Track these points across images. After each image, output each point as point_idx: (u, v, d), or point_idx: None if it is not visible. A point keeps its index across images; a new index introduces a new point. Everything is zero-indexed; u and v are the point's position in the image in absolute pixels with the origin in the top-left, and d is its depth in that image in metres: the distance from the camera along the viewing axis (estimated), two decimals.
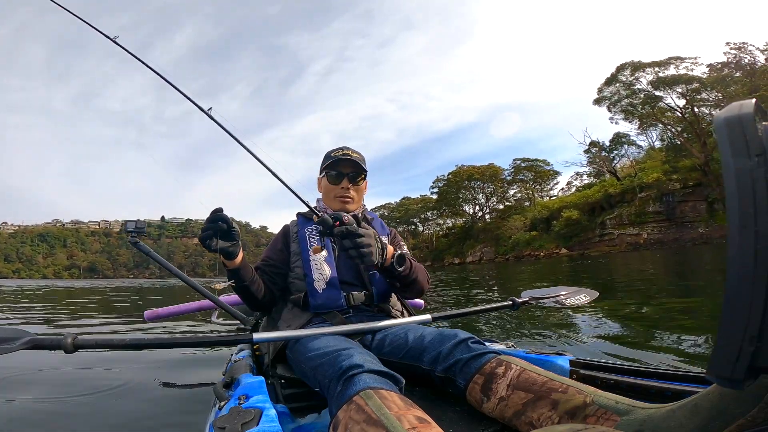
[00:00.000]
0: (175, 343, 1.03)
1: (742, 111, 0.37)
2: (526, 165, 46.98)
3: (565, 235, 35.79)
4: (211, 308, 2.38)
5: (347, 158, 1.31)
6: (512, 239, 40.96)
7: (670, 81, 30.72)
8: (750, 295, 0.35)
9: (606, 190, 34.74)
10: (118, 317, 5.32)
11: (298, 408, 0.96)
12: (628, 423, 0.62)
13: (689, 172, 29.29)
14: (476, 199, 50.09)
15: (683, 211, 29.35)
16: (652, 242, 29.47)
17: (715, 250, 15.40)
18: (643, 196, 31.22)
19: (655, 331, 2.51)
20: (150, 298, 9.81)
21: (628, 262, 13.72)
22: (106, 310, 6.52)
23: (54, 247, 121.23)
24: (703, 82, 29.52)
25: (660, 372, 0.80)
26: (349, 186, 1.32)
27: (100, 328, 4.29)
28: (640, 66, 32.50)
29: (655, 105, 31.52)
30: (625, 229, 31.90)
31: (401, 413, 0.62)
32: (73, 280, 79.79)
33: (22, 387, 1.91)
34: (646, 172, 32.50)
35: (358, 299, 1.22)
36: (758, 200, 0.35)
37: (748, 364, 0.36)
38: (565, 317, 3.26)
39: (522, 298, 1.42)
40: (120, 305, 7.66)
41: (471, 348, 0.91)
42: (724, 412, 0.52)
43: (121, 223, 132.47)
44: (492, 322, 3.36)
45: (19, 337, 0.80)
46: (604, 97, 34.84)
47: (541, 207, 42.45)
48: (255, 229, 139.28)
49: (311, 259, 1.23)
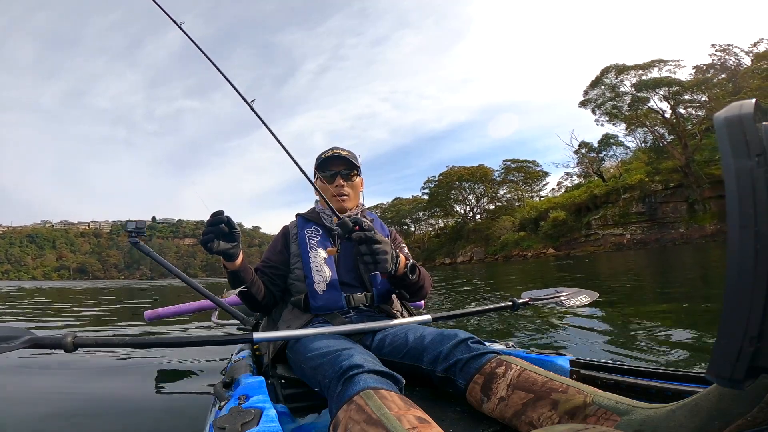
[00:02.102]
0: (175, 343, 1.03)
1: (742, 111, 0.37)
2: (515, 166, 47.54)
3: (553, 235, 36.35)
4: (211, 308, 2.38)
5: (337, 156, 1.32)
6: (501, 239, 41.51)
7: (653, 84, 31.46)
8: (750, 295, 0.35)
9: (592, 191, 35.41)
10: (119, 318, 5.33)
11: (298, 408, 0.96)
12: (628, 423, 0.62)
13: (671, 174, 29.96)
14: (467, 199, 50.46)
15: (665, 211, 30.01)
16: (635, 242, 30.08)
17: (695, 250, 15.69)
18: (626, 197, 31.90)
19: (654, 332, 2.51)
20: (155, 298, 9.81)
21: (612, 262, 13.94)
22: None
23: (43, 248, 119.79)
24: (684, 85, 30.21)
25: (660, 372, 0.80)
26: (344, 183, 1.32)
27: (100, 329, 4.29)
28: (624, 69, 33.18)
29: (638, 107, 32.21)
30: (610, 229, 32.54)
31: (401, 413, 0.62)
32: (62, 281, 79.17)
33: (22, 387, 1.91)
34: (630, 173, 33.15)
35: (359, 300, 1.22)
36: (758, 200, 0.35)
37: (748, 364, 0.36)
38: (565, 317, 3.26)
39: (522, 299, 1.42)
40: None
41: (471, 348, 0.91)
42: (724, 412, 0.52)
43: (111, 223, 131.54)
44: (492, 322, 3.36)
45: (19, 335, 0.80)
46: (590, 99, 35.55)
47: (530, 207, 43.02)
48: (248, 230, 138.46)
49: (311, 261, 1.24)
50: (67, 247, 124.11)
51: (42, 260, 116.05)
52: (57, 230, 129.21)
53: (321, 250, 1.27)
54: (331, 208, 1.20)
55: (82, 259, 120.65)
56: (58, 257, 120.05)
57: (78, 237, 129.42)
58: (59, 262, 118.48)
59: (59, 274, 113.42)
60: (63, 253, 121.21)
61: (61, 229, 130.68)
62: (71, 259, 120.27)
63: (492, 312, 1.38)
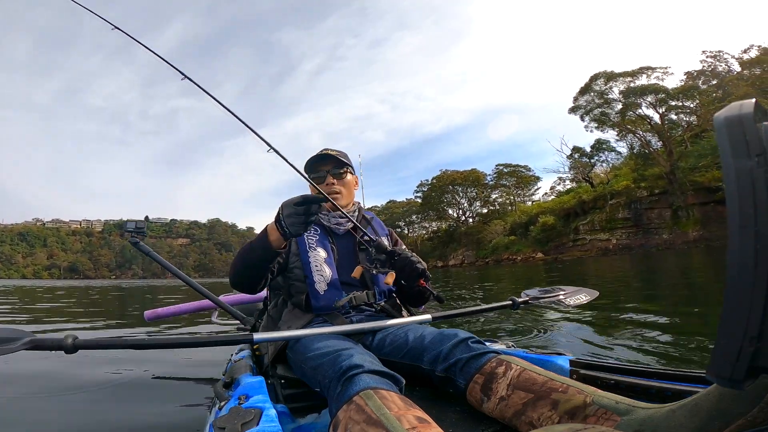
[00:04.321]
0: (175, 343, 1.03)
1: (742, 111, 0.37)
2: (508, 170, 48.22)
3: (542, 239, 37.01)
4: (211, 308, 2.38)
5: (326, 155, 1.32)
6: (492, 243, 42.27)
7: (639, 91, 32.01)
8: (750, 295, 0.35)
9: (580, 196, 36.04)
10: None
11: (298, 408, 0.96)
12: (628, 423, 0.62)
13: (656, 180, 30.53)
14: (459, 203, 50.96)
15: (649, 217, 30.56)
16: (621, 247, 30.62)
17: (677, 255, 16.02)
18: (613, 203, 32.53)
19: (651, 332, 2.52)
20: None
21: (599, 266, 14.20)
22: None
23: (34, 246, 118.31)
24: (669, 93, 30.70)
25: (660, 372, 0.80)
26: (334, 181, 1.32)
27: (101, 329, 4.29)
28: (612, 76, 33.74)
29: (626, 114, 32.75)
30: (597, 234, 33.11)
31: (401, 413, 0.62)
32: (53, 280, 78.52)
33: (22, 387, 1.91)
34: (617, 179, 33.78)
35: (360, 299, 1.21)
36: (758, 200, 0.35)
37: (748, 364, 0.36)
38: (564, 317, 3.26)
39: (522, 298, 1.41)
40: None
41: (471, 348, 0.91)
42: (724, 412, 0.52)
43: (103, 222, 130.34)
44: (492, 322, 3.36)
45: (20, 337, 0.79)
46: (579, 106, 36.01)
47: (521, 212, 43.73)
48: (242, 230, 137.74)
49: (311, 261, 1.23)
50: (58, 245, 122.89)
51: (33, 259, 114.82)
52: (48, 228, 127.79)
53: (320, 250, 1.26)
54: (335, 206, 1.20)
55: (74, 258, 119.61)
56: (48, 256, 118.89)
57: (69, 236, 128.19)
58: (50, 261, 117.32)
59: (50, 272, 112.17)
60: (54, 251, 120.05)
61: (52, 227, 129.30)
62: (62, 257, 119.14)
63: (492, 311, 1.38)
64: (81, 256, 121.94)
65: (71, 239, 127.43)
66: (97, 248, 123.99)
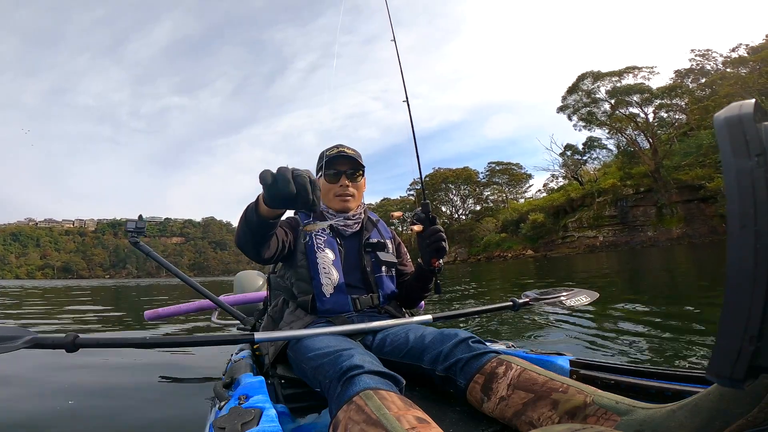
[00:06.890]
0: (176, 343, 1.03)
1: (742, 111, 0.37)
2: (500, 168, 48.68)
3: (532, 237, 37.55)
4: (211, 308, 2.38)
5: (343, 155, 1.29)
6: (484, 240, 42.73)
7: (624, 90, 32.49)
8: (750, 295, 0.35)
9: (569, 194, 36.54)
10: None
11: (298, 408, 0.96)
12: (628, 423, 0.62)
13: (642, 179, 30.97)
14: (452, 201, 51.23)
15: (635, 215, 31.05)
16: (607, 245, 31.19)
17: (661, 252, 16.26)
18: (600, 200, 33.01)
19: (649, 331, 2.52)
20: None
21: (586, 263, 14.30)
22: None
23: (27, 246, 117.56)
24: (653, 92, 31.23)
25: (660, 372, 0.80)
26: (348, 183, 1.30)
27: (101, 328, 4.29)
28: (599, 76, 34.23)
29: (613, 113, 33.26)
30: (584, 231, 33.61)
31: (401, 414, 0.62)
32: (46, 280, 78.19)
33: (22, 387, 1.91)
34: (604, 177, 34.31)
35: (365, 303, 1.21)
36: (758, 200, 0.35)
37: (748, 364, 0.36)
38: (564, 317, 3.26)
39: (522, 299, 1.42)
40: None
41: (471, 347, 0.91)
42: (724, 412, 0.52)
43: (96, 222, 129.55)
44: (492, 322, 3.36)
45: (21, 335, 0.80)
46: (567, 105, 36.52)
47: (512, 209, 44.27)
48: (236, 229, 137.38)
49: (319, 262, 1.21)
50: (52, 245, 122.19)
51: (26, 259, 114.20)
52: (41, 228, 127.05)
53: (329, 251, 1.23)
54: (337, 202, 1.26)
55: (67, 258, 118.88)
56: (42, 256, 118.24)
57: (62, 235, 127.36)
58: (43, 261, 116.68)
59: (43, 272, 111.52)
60: (47, 251, 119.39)
61: (45, 227, 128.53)
62: (55, 257, 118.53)
63: (492, 312, 1.38)
64: (74, 255, 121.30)
65: (64, 239, 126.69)
66: (91, 248, 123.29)
